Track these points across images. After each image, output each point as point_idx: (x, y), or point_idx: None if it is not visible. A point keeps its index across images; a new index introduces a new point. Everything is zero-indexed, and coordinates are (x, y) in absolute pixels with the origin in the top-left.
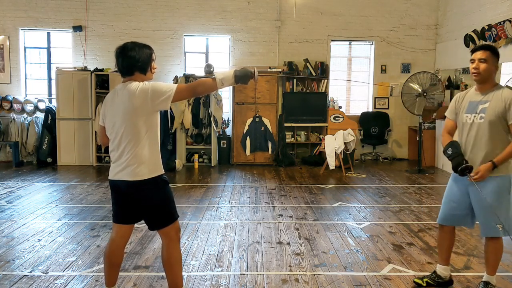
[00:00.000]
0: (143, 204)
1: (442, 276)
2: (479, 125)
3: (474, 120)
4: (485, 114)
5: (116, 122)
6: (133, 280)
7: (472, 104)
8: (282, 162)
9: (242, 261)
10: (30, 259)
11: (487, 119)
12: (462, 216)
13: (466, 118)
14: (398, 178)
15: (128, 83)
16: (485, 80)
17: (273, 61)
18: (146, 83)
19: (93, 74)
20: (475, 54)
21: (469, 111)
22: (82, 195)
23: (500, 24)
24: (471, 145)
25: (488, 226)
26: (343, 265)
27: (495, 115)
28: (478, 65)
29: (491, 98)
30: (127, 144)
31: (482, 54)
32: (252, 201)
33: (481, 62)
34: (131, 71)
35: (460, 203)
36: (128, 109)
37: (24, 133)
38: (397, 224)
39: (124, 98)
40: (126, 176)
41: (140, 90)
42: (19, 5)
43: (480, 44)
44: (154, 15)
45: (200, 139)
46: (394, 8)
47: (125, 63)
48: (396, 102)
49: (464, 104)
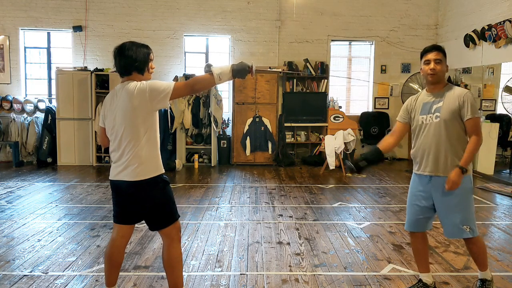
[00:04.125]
0: (143, 204)
1: (428, 284)
2: (435, 125)
3: (429, 121)
4: (440, 113)
5: (116, 122)
6: (133, 280)
7: (426, 105)
8: (282, 162)
9: (242, 261)
10: (30, 259)
11: (442, 118)
12: (425, 219)
13: (422, 119)
14: (398, 178)
15: (126, 83)
16: (440, 80)
17: (273, 61)
18: (144, 82)
19: (93, 74)
20: (429, 55)
21: (424, 112)
22: (82, 195)
23: (500, 24)
24: (429, 145)
25: (454, 228)
26: (343, 265)
27: (450, 113)
28: (435, 66)
29: (444, 97)
30: (127, 144)
31: (437, 54)
32: (252, 201)
33: (437, 63)
34: (128, 71)
35: (423, 206)
36: (127, 109)
37: (24, 133)
38: (397, 224)
39: (123, 98)
40: (126, 176)
41: (139, 89)
42: (19, 5)
43: (431, 45)
44: (154, 15)
45: (200, 139)
46: (394, 8)
47: (122, 62)
48: (396, 102)
49: (417, 107)
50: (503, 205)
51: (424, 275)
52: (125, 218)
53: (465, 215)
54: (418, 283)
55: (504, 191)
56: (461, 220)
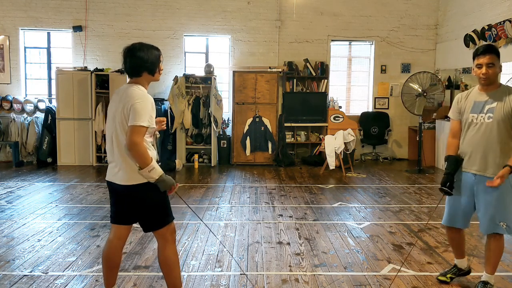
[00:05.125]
0: (138, 206)
1: (463, 268)
2: (487, 125)
3: (481, 120)
4: (493, 114)
5: (111, 123)
6: (133, 280)
7: (478, 104)
8: (282, 162)
9: (242, 261)
10: (30, 259)
11: (496, 119)
12: (463, 215)
13: (472, 118)
14: (398, 178)
15: (131, 87)
16: (493, 81)
17: (273, 61)
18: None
19: (93, 74)
20: (482, 59)
21: (475, 111)
22: (82, 195)
23: (500, 24)
24: (478, 144)
25: (491, 223)
26: (343, 265)
27: (504, 114)
28: (487, 70)
29: (498, 98)
30: (119, 147)
31: (490, 59)
32: (252, 201)
33: (490, 67)
34: (138, 71)
35: (463, 202)
36: (120, 113)
37: (24, 133)
38: (397, 224)
39: (122, 101)
40: (119, 180)
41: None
42: (19, 5)
43: (484, 46)
44: (154, 15)
45: (200, 139)
46: (394, 8)
47: (133, 63)
48: (396, 102)
49: (468, 104)
50: None
51: (458, 261)
52: (121, 218)
53: (504, 211)
54: (453, 268)
55: None
56: (499, 216)
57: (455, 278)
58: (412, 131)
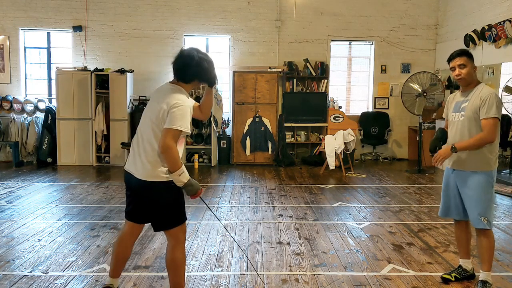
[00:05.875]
0: (151, 204)
1: (468, 270)
2: (460, 122)
3: (458, 118)
4: (465, 111)
5: (144, 118)
6: (133, 280)
7: (457, 104)
8: (282, 162)
9: (242, 261)
10: (30, 259)
11: (466, 116)
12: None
13: (452, 117)
14: (398, 178)
15: (175, 89)
16: (470, 81)
17: (273, 61)
18: (180, 106)
19: (93, 74)
20: (453, 62)
21: (455, 110)
22: (82, 195)
23: (500, 24)
24: (453, 141)
25: (475, 218)
26: (343, 265)
27: (472, 111)
28: (459, 71)
29: (471, 97)
30: (146, 143)
31: (460, 60)
32: (252, 201)
33: (461, 68)
34: (190, 79)
35: (452, 195)
36: (157, 112)
37: (24, 133)
38: (397, 224)
39: (163, 101)
40: (137, 173)
41: (171, 108)
42: (19, 5)
43: (455, 51)
44: (154, 15)
45: (200, 139)
46: (394, 8)
47: (193, 70)
48: (396, 102)
49: (452, 105)
50: (503, 205)
51: (463, 261)
52: (135, 217)
53: (483, 207)
54: (457, 268)
55: (504, 191)
56: (480, 212)
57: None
58: (412, 131)
